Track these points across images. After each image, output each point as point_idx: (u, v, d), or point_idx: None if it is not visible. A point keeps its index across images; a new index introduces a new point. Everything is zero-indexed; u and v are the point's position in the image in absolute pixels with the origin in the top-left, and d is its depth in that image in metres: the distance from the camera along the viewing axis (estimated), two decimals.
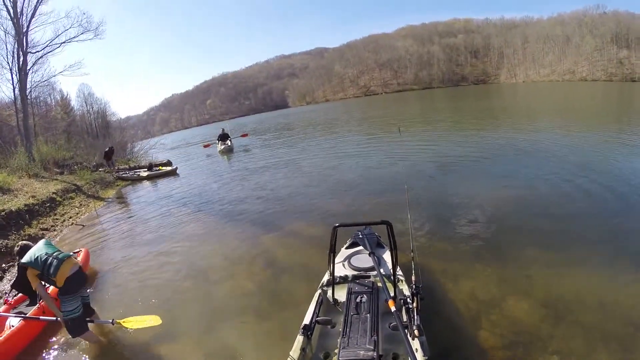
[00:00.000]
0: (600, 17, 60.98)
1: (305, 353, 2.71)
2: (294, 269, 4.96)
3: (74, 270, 3.60)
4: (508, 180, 7.63)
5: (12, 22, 14.89)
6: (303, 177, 10.40)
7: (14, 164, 12.63)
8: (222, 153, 18.83)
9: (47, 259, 3.49)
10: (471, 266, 4.42)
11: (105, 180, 14.35)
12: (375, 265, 3.32)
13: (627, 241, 4.63)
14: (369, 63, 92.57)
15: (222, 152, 18.99)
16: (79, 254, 5.73)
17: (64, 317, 3.56)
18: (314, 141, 18.77)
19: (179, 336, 3.87)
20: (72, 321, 3.56)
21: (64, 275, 3.48)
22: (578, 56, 60.26)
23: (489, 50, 78.79)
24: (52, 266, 3.46)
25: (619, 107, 21.16)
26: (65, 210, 10.00)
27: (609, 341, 3.01)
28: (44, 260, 3.48)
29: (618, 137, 10.85)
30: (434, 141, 13.35)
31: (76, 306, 3.60)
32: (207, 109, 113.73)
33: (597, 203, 5.94)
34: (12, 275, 5.94)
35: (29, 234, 7.88)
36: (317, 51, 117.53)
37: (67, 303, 3.55)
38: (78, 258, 5.56)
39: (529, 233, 5.13)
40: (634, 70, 50.92)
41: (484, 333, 3.25)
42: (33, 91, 17.64)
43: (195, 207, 8.91)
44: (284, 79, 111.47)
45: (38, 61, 16.49)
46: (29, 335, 4.02)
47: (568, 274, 4.04)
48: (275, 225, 6.76)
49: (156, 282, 5.19)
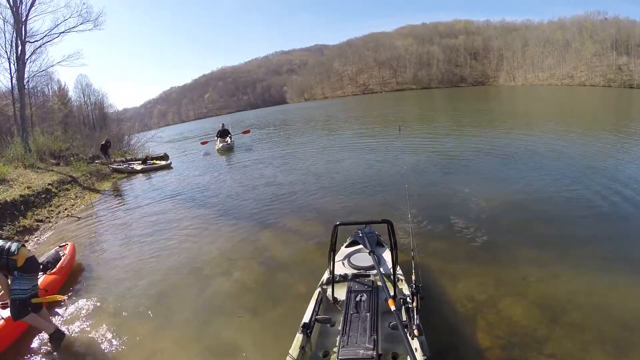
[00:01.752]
0: (600, 23, 61.19)
1: (305, 351, 2.71)
2: (293, 267, 4.95)
3: (30, 254, 3.85)
4: (508, 182, 7.69)
5: (11, 10, 14.69)
6: (303, 174, 10.38)
7: (9, 154, 12.52)
8: (220, 152, 17.13)
9: (4, 243, 3.73)
10: (470, 266, 4.45)
11: (102, 173, 14.25)
12: (375, 264, 3.32)
13: (623, 244, 4.69)
14: (368, 61, 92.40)
15: (220, 150, 17.32)
16: (65, 247, 5.70)
17: (11, 295, 3.65)
18: (313, 138, 18.73)
19: (174, 331, 3.85)
20: (19, 301, 3.62)
21: (24, 256, 3.73)
22: (577, 61, 60.48)
23: (489, 52, 78.87)
24: (13, 247, 3.70)
25: (618, 113, 21.30)
26: (61, 201, 9.93)
27: (605, 343, 3.05)
28: (2, 245, 3.69)
29: (615, 142, 10.94)
30: (435, 141, 13.37)
31: (29, 287, 3.72)
32: (205, 103, 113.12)
33: (594, 206, 6.00)
34: None
35: (23, 225, 7.83)
36: (316, 48, 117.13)
37: (22, 281, 3.68)
38: (65, 251, 5.54)
39: (527, 235, 5.18)
40: (632, 76, 51.26)
41: (483, 333, 3.28)
42: (31, 81, 17.45)
43: (192, 202, 8.88)
44: (283, 75, 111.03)
45: (36, 51, 16.31)
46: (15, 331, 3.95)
47: (564, 276, 4.08)
48: (274, 222, 6.74)
49: (151, 276, 5.17)
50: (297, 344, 2.70)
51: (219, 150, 17.43)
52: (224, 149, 17.25)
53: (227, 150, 17.14)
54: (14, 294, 3.63)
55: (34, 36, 15.84)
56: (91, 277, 5.38)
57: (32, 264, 3.83)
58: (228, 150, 17.14)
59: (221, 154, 16.70)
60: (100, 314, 4.33)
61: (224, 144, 17.60)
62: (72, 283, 5.21)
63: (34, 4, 15.23)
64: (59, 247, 5.70)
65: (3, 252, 3.65)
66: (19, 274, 3.69)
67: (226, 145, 17.52)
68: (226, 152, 16.97)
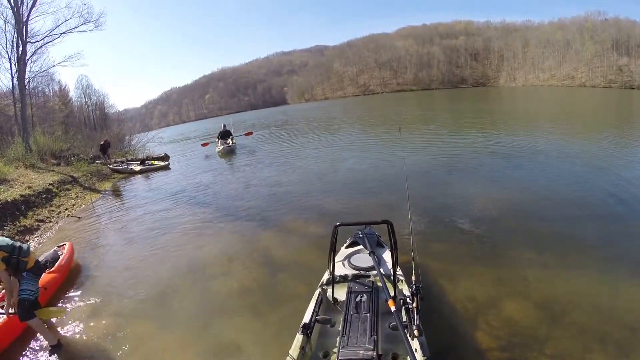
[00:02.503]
0: (601, 24, 61.14)
1: (305, 352, 2.71)
2: (293, 267, 4.95)
3: (37, 257, 4.00)
4: (508, 182, 7.69)
5: (12, 11, 14.71)
6: (303, 175, 10.39)
7: (10, 154, 12.53)
8: (221, 155, 16.22)
9: (14, 243, 3.76)
10: (470, 267, 4.45)
11: (102, 173, 14.28)
12: (375, 264, 3.32)
13: (624, 245, 4.69)
14: (368, 62, 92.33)
15: (221, 153, 16.34)
16: (63, 247, 5.71)
17: (20, 295, 3.65)
18: (313, 139, 18.74)
19: (175, 332, 3.85)
20: (28, 302, 3.64)
21: (34, 257, 3.86)
22: (578, 62, 60.40)
23: (489, 53, 78.79)
24: (24, 247, 3.79)
25: (619, 114, 21.28)
26: (62, 201, 9.94)
27: (606, 343, 3.05)
28: (12, 244, 3.72)
29: (616, 143, 10.93)
30: (435, 141, 13.37)
31: (35, 289, 3.77)
32: (205, 104, 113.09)
33: (595, 207, 6.00)
34: None
35: (24, 224, 7.83)
36: (317, 49, 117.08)
37: (31, 282, 3.74)
38: (63, 251, 5.55)
39: (527, 235, 5.18)
40: (633, 77, 51.13)
41: (483, 334, 3.28)
42: (31, 81, 17.46)
43: (192, 202, 8.88)
44: (284, 76, 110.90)
45: (37, 51, 16.31)
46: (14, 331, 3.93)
47: (565, 276, 4.08)
48: (274, 223, 6.74)
49: (151, 276, 5.18)
50: (297, 344, 2.70)
51: (220, 152, 16.52)
52: (224, 152, 16.37)
53: (228, 153, 16.24)
54: (23, 294, 3.63)
55: (35, 36, 15.86)
56: (91, 277, 5.39)
57: (39, 266, 3.93)
58: (229, 153, 16.25)
59: (222, 157, 15.91)
60: (100, 314, 4.33)
61: (225, 147, 16.68)
62: (72, 282, 5.22)
63: (35, 4, 15.25)
64: (57, 247, 5.73)
65: (14, 252, 3.68)
66: (28, 275, 3.73)
67: (227, 148, 16.61)
68: (227, 154, 16.09)
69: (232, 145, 17.06)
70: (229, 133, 17.77)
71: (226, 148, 16.58)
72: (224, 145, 16.87)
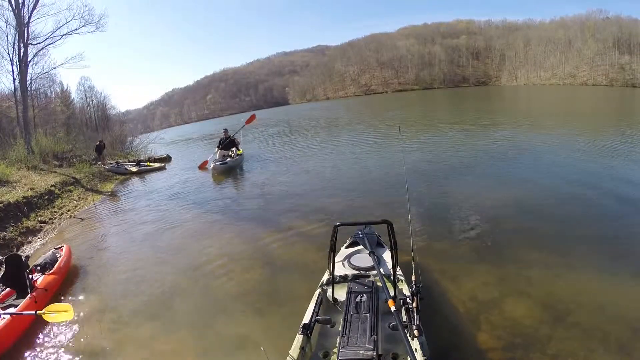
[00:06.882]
0: (602, 22, 60.89)
1: (305, 352, 2.71)
2: (293, 267, 4.95)
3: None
4: (509, 182, 7.66)
5: (13, 13, 14.74)
6: (303, 175, 10.39)
7: (12, 156, 12.55)
8: (214, 176, 11.95)
9: None
10: (471, 267, 4.43)
11: (104, 174, 14.30)
12: (375, 264, 3.32)
13: (627, 244, 4.65)
14: (370, 62, 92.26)
15: (215, 172, 12.17)
16: (61, 249, 5.71)
17: None
18: (314, 139, 18.73)
19: (175, 331, 3.85)
20: None
21: None
22: (579, 60, 60.16)
23: (491, 52, 78.60)
24: None
25: (621, 113, 21.20)
26: (64, 203, 9.96)
27: (608, 343, 3.02)
28: None
29: (619, 143, 10.87)
30: (435, 141, 13.35)
31: None
32: (207, 105, 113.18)
33: (597, 206, 5.97)
34: None
35: (26, 226, 7.85)
36: (318, 49, 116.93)
37: None
38: (61, 253, 5.55)
39: (529, 234, 5.16)
40: (635, 75, 50.86)
41: (483, 334, 3.26)
42: (33, 83, 17.50)
43: (193, 203, 8.89)
44: (285, 76, 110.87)
45: (39, 53, 16.34)
46: (16, 331, 3.93)
47: (567, 276, 4.06)
48: (274, 223, 6.74)
49: (152, 278, 5.18)
50: (297, 344, 2.70)
51: (213, 169, 12.31)
52: (218, 171, 12.10)
53: (222, 173, 12.00)
54: None
55: (37, 38, 15.88)
56: (91, 277, 5.40)
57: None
58: (224, 173, 11.99)
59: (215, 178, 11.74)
60: (100, 314, 4.34)
61: (218, 164, 12.29)
62: (71, 284, 5.23)
63: (36, 6, 15.27)
64: (55, 249, 5.74)
65: None
66: None
67: (221, 167, 12.16)
68: (222, 174, 11.90)
69: (231, 159, 12.78)
70: (232, 142, 13.75)
71: (219, 166, 12.19)
72: (221, 159, 12.80)
